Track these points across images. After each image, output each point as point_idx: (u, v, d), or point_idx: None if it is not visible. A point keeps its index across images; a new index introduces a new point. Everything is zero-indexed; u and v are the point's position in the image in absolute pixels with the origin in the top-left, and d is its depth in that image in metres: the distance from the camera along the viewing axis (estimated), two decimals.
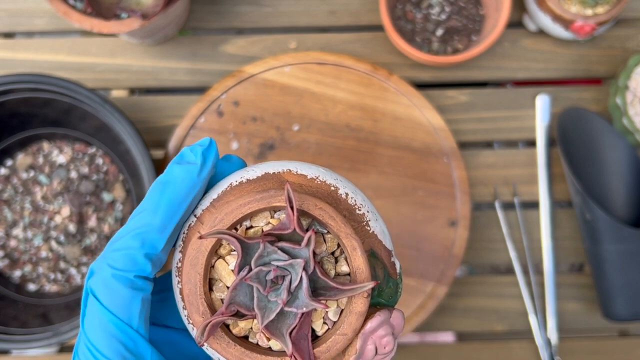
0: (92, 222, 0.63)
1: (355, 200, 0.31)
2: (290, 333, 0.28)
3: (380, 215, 0.32)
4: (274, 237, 0.28)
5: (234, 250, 0.29)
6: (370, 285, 0.27)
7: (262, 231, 0.29)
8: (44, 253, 0.63)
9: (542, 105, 0.67)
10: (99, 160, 0.64)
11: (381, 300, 0.30)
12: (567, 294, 0.66)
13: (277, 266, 0.28)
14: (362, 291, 0.28)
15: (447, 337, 0.68)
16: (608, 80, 0.68)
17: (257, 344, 0.29)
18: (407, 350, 0.65)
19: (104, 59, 0.67)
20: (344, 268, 0.29)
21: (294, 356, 0.27)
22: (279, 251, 0.28)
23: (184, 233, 0.31)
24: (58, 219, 0.63)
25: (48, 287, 0.63)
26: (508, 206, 0.67)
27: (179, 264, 0.30)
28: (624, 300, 0.61)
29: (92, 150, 0.65)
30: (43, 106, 0.60)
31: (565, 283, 0.66)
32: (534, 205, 0.67)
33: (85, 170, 0.64)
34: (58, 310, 0.61)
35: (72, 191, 0.63)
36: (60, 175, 0.64)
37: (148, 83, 0.67)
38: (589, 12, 0.62)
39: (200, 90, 0.67)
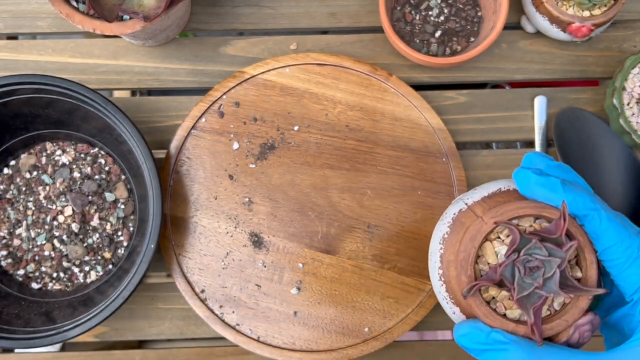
0: (94, 221, 0.64)
1: None
2: (533, 309, 0.38)
3: None
4: (539, 237, 0.38)
5: (499, 238, 0.39)
6: (602, 291, 0.38)
7: (526, 230, 0.39)
8: (47, 252, 0.64)
9: (539, 106, 0.68)
10: (102, 161, 0.65)
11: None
12: None
13: (539, 259, 0.37)
14: (592, 294, 0.38)
15: (446, 335, 0.69)
16: (605, 81, 0.69)
17: (495, 309, 0.39)
18: (407, 349, 0.65)
19: (107, 60, 0.68)
20: (577, 274, 0.39)
21: (533, 326, 0.37)
22: (543, 248, 0.37)
23: (454, 214, 0.42)
24: (61, 218, 0.64)
25: (51, 285, 0.64)
26: None
27: (446, 235, 0.42)
28: None
29: (94, 150, 0.65)
30: (46, 107, 0.61)
31: None
32: None
33: (87, 170, 0.65)
34: (61, 309, 0.61)
35: (75, 191, 0.64)
36: (63, 175, 0.64)
37: (150, 84, 0.68)
38: (586, 13, 0.62)
39: (201, 91, 0.68)
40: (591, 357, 0.39)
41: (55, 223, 0.64)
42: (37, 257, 0.64)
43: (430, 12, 0.67)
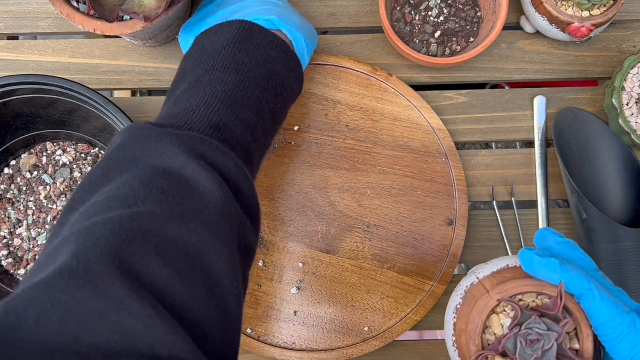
0: None
1: None
2: None
3: None
4: (539, 313, 0.43)
5: (505, 312, 0.45)
6: None
7: (528, 306, 0.44)
8: None
9: (538, 106, 0.68)
10: None
11: None
12: None
13: (538, 332, 0.42)
14: None
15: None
16: (604, 82, 0.69)
17: None
18: (407, 348, 0.66)
19: (107, 60, 0.68)
20: (575, 346, 0.44)
21: None
22: (542, 323, 0.42)
23: (466, 286, 0.47)
24: None
25: None
26: (505, 206, 0.67)
27: (459, 306, 0.47)
28: None
29: (95, 150, 0.66)
30: (47, 107, 0.61)
31: None
32: (531, 204, 0.68)
33: (88, 170, 0.65)
34: None
35: None
36: (63, 175, 0.65)
37: (150, 84, 0.68)
38: (586, 14, 0.63)
39: None
40: None
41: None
42: (38, 257, 0.64)
43: (430, 13, 0.67)
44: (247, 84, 0.49)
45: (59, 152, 0.65)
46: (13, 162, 0.65)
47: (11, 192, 0.65)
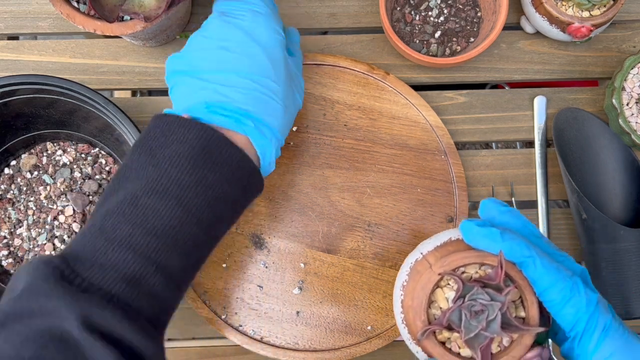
0: None
1: None
2: (480, 348, 0.42)
3: None
4: (482, 283, 0.43)
5: (449, 285, 0.44)
6: (541, 330, 0.42)
7: (472, 277, 0.44)
8: (47, 252, 0.64)
9: (538, 106, 0.68)
10: (102, 161, 0.65)
11: (536, 339, 0.44)
12: None
13: (482, 303, 0.42)
14: (532, 333, 0.42)
15: None
16: (604, 82, 0.69)
17: (451, 349, 0.44)
18: (407, 348, 0.65)
19: (107, 60, 0.68)
20: (521, 314, 0.44)
21: None
22: (485, 294, 0.42)
23: (411, 263, 0.47)
24: (62, 218, 0.64)
25: None
26: None
27: (405, 283, 0.47)
28: (619, 299, 0.62)
29: (95, 150, 0.66)
30: (47, 107, 0.61)
31: None
32: (531, 204, 0.68)
33: (88, 170, 0.65)
34: None
35: (76, 191, 0.64)
36: (63, 175, 0.65)
37: (151, 84, 0.68)
38: (586, 14, 0.63)
39: None
40: None
41: (56, 223, 0.64)
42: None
43: (430, 13, 0.67)
44: (186, 218, 0.45)
45: (59, 152, 0.65)
46: (13, 162, 0.65)
47: (11, 192, 0.65)
